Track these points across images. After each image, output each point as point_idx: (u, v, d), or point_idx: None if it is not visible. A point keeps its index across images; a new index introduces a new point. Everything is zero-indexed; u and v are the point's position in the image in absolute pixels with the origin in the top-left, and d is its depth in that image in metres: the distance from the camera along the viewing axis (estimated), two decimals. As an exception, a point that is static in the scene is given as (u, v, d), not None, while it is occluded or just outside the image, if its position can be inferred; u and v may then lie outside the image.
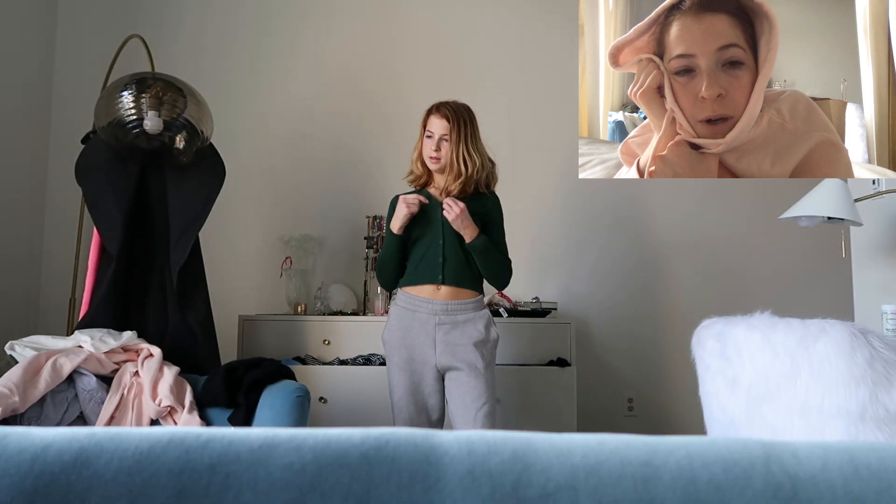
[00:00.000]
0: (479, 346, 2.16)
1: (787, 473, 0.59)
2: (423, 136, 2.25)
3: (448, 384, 2.18)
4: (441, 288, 2.19)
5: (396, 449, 0.61)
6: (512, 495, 0.58)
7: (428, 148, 2.21)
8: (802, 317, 1.83)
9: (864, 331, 1.65)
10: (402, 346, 2.18)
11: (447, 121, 2.18)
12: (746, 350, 1.95)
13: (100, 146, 2.57)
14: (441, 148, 2.19)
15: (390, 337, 2.22)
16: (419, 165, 2.28)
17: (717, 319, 2.17)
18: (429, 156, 2.21)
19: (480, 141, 2.24)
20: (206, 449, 0.60)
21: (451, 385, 2.17)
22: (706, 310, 2.22)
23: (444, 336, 2.16)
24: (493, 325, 2.23)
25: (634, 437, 0.64)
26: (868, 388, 1.61)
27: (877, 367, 1.61)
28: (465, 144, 2.18)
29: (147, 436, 0.62)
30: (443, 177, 2.26)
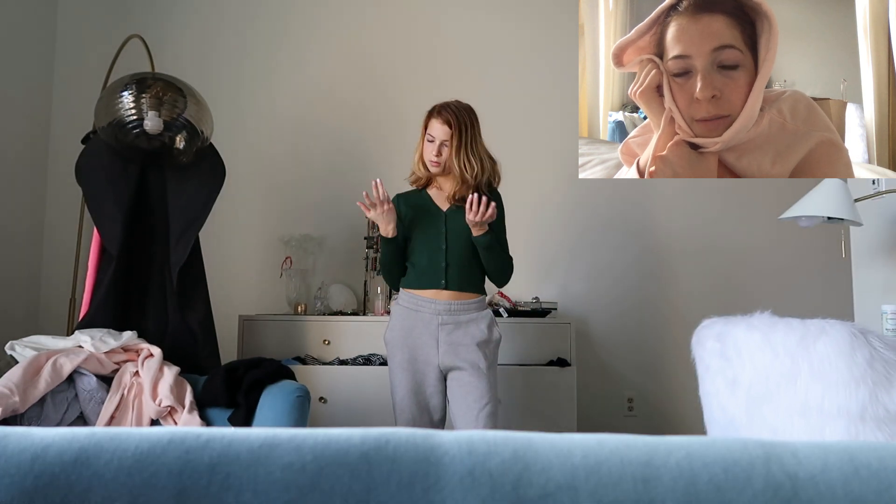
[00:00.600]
0: (483, 346, 2.16)
1: (787, 473, 0.59)
2: (423, 137, 2.24)
3: (450, 384, 2.18)
4: (444, 290, 2.19)
5: (396, 449, 0.61)
6: (512, 495, 0.58)
7: (429, 152, 2.21)
8: (802, 317, 1.83)
9: (864, 331, 1.65)
10: (404, 346, 2.18)
11: (448, 126, 2.17)
12: (746, 350, 1.95)
13: (100, 146, 2.57)
14: (442, 153, 2.19)
15: (392, 337, 2.22)
16: (421, 167, 2.28)
17: (717, 319, 2.17)
18: (429, 160, 2.22)
19: (482, 143, 2.24)
20: (206, 449, 0.60)
21: (453, 385, 2.16)
22: (706, 310, 2.22)
23: (447, 336, 2.16)
24: (495, 325, 2.24)
25: (634, 437, 0.64)
26: (868, 388, 1.61)
27: (877, 367, 1.61)
28: (466, 150, 2.18)
29: (147, 436, 0.62)
30: (445, 179, 2.27)
